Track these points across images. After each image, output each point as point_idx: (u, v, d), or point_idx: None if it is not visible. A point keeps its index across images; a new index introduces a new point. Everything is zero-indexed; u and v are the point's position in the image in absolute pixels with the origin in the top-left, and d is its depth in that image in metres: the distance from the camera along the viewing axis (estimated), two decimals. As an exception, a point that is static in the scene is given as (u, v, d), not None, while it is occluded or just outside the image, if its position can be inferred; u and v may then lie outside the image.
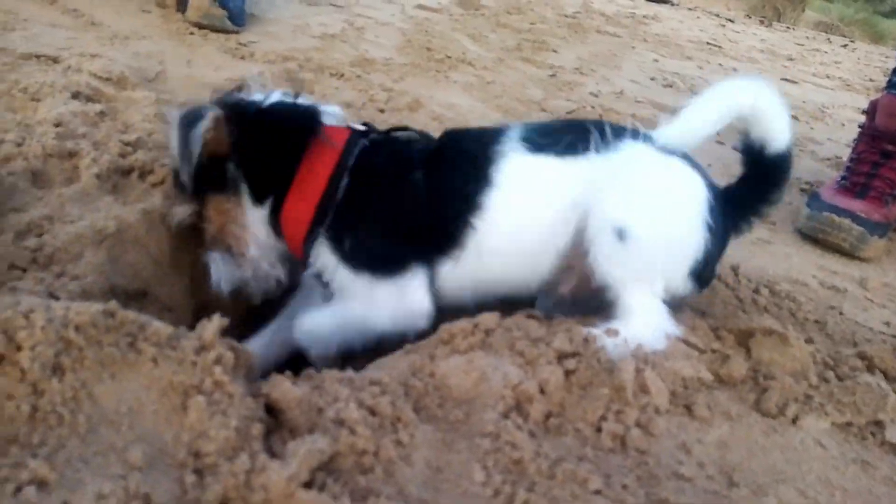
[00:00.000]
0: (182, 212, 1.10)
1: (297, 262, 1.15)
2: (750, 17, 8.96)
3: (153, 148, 1.37)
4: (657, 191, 1.06)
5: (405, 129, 1.17)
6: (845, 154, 2.33)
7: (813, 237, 1.67)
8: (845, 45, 7.37)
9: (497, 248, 1.07)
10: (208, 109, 1.03)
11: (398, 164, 1.09)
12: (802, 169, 2.26)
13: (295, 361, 1.09)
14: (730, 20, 7.32)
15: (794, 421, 0.98)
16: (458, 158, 1.10)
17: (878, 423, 1.01)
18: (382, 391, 0.80)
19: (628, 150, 1.07)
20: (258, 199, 1.08)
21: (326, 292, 1.12)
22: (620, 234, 1.01)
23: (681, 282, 1.07)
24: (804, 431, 0.97)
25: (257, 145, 1.06)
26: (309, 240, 1.07)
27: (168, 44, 2.15)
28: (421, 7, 3.67)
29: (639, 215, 1.02)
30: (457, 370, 0.86)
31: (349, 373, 0.85)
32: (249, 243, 1.10)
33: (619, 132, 1.09)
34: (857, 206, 1.64)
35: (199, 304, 1.18)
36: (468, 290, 1.10)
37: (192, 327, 1.08)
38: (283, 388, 0.76)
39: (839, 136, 2.83)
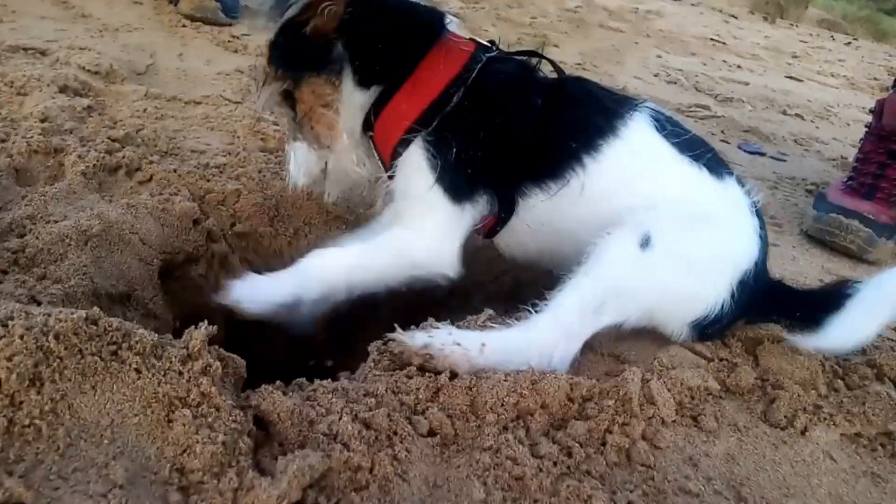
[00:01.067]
0: (271, 91, 1.03)
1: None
2: (753, 14, 8.91)
3: (141, 144, 1.33)
4: (711, 235, 1.00)
5: (535, 54, 1.10)
6: (851, 154, 2.30)
7: (820, 239, 1.64)
8: (849, 43, 7.34)
9: (593, 196, 1.01)
10: None
11: (519, 86, 1.04)
12: (808, 169, 2.23)
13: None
14: (733, 16, 7.28)
15: (804, 432, 0.95)
16: (585, 99, 1.06)
17: (889, 434, 0.98)
18: (378, 403, 0.77)
19: (728, 187, 1.05)
20: (363, 83, 1.02)
21: None
22: (645, 241, 0.95)
23: (676, 327, 1.02)
24: (813, 443, 0.94)
25: (377, 29, 1.00)
26: (404, 141, 1.01)
27: (159, 36, 2.11)
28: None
29: (675, 240, 0.97)
30: (455, 380, 0.83)
31: (343, 382, 0.81)
32: (341, 132, 1.04)
33: (726, 169, 1.08)
34: (864, 207, 1.61)
35: (185, 308, 1.14)
36: (529, 236, 1.07)
37: (177, 331, 1.06)
38: (273, 400, 0.72)
39: (844, 135, 2.79)
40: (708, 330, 1.03)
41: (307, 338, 1.22)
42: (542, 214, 1.04)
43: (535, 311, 0.93)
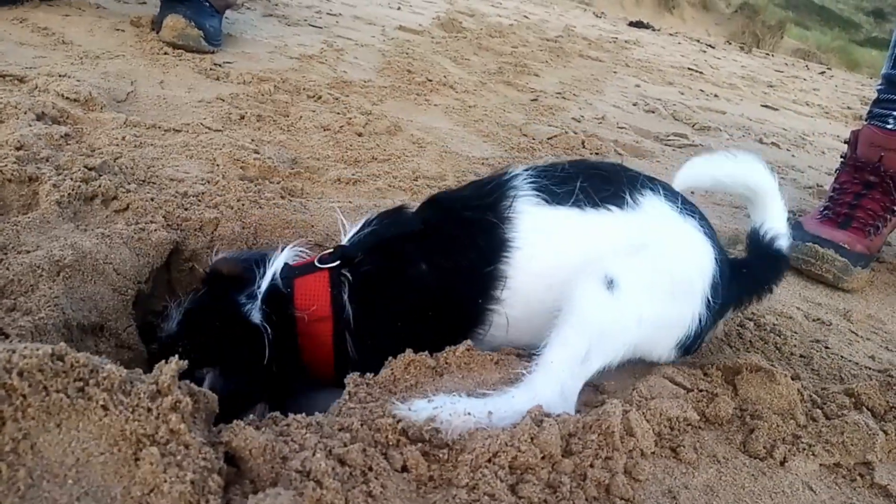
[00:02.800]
0: None
1: None
2: (730, 43, 9.14)
3: (119, 172, 1.32)
4: (663, 257, 0.98)
5: (382, 218, 1.06)
6: (826, 182, 2.34)
7: (796, 268, 1.65)
8: (822, 73, 7.54)
9: (524, 319, 0.99)
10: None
11: (397, 269, 1.00)
12: (784, 197, 2.26)
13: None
14: (710, 46, 7.46)
15: (783, 463, 0.94)
16: (462, 229, 1.00)
17: (868, 464, 0.98)
18: (353, 438, 0.75)
19: (650, 209, 1.00)
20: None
21: None
22: (609, 283, 0.92)
23: (664, 353, 1.03)
24: (793, 474, 0.93)
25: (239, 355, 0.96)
26: (338, 368, 0.99)
27: (140, 63, 2.10)
28: (402, 28, 3.67)
29: (635, 272, 0.94)
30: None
31: (318, 417, 0.80)
32: None
33: (634, 181, 1.02)
34: (840, 236, 1.63)
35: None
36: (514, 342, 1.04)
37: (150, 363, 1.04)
38: (245, 436, 0.71)
39: (820, 163, 2.85)
40: (693, 345, 1.03)
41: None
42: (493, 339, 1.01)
43: (528, 371, 0.91)
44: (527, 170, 1.03)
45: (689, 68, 4.94)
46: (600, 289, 0.92)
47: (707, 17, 13.73)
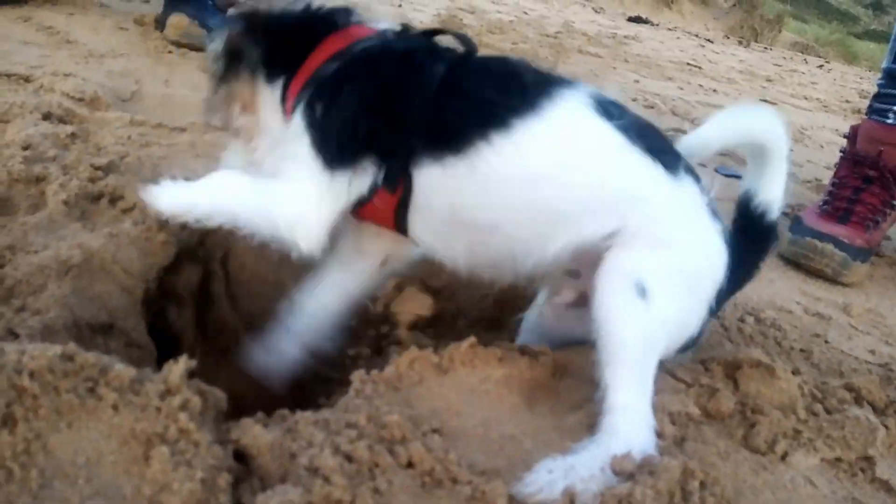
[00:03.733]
0: (212, 98, 1.08)
1: None
2: (728, 38, 9.14)
3: (125, 172, 1.33)
4: (691, 258, 0.94)
5: (455, 33, 1.02)
6: (825, 176, 2.35)
7: (796, 262, 1.66)
8: (821, 66, 7.53)
9: (507, 184, 0.90)
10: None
11: (413, 53, 0.95)
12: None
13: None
14: (709, 40, 7.45)
15: (784, 458, 0.95)
16: (502, 71, 0.95)
17: (869, 459, 0.99)
18: (359, 435, 0.76)
19: (687, 191, 0.94)
20: (271, 78, 1.02)
21: None
22: (642, 291, 0.88)
23: (672, 353, 1.00)
24: (794, 469, 0.94)
25: (278, 31, 1.01)
26: (292, 110, 0.98)
27: (145, 62, 2.11)
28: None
29: (666, 276, 0.90)
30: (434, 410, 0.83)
31: (325, 413, 0.81)
32: (259, 127, 1.05)
33: (681, 158, 0.96)
34: (839, 231, 1.64)
35: (168, 334, 1.13)
36: (450, 228, 0.97)
37: (160, 361, 1.05)
38: (254, 433, 0.72)
39: (819, 157, 2.85)
40: (692, 346, 1.03)
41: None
42: (448, 197, 0.93)
43: (604, 419, 0.88)
44: (597, 90, 0.97)
45: (687, 63, 4.94)
46: (634, 301, 0.88)
47: (706, 12, 13.71)
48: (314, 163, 0.93)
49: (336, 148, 0.93)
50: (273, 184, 0.97)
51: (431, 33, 1.01)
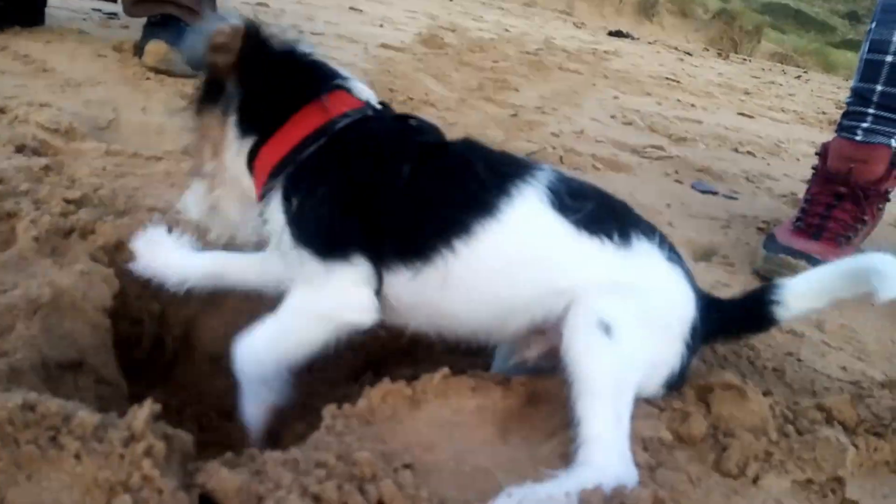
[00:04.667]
0: (186, 122, 1.06)
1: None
2: (708, 50, 9.27)
3: (98, 204, 1.33)
4: (654, 304, 0.99)
5: (426, 122, 1.05)
6: (801, 190, 2.38)
7: (769, 279, 1.68)
8: (799, 77, 7.65)
9: (467, 284, 0.96)
10: (233, 20, 0.96)
11: (388, 145, 0.98)
12: (759, 207, 2.30)
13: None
14: (688, 53, 7.55)
15: (755, 481, 0.96)
16: (465, 169, 0.98)
17: (839, 480, 1.00)
18: (328, 475, 0.76)
19: (640, 251, 1.00)
20: (242, 131, 1.00)
21: None
22: (606, 329, 0.92)
23: (654, 390, 1.03)
24: (765, 492, 0.95)
25: (264, 74, 0.98)
26: (266, 188, 0.98)
27: (123, 90, 2.11)
28: (385, 46, 3.70)
29: (627, 312, 0.94)
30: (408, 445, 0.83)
31: (294, 452, 0.81)
32: (221, 171, 1.04)
33: (634, 223, 1.03)
34: (812, 247, 1.66)
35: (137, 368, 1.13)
36: (418, 314, 1.01)
37: (131, 397, 1.05)
38: (220, 477, 0.72)
39: (795, 171, 2.90)
40: (678, 382, 1.05)
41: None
42: (414, 293, 0.98)
43: (578, 451, 0.88)
44: (554, 171, 1.03)
45: (666, 78, 5.01)
46: (599, 337, 0.91)
47: (686, 24, 13.91)
48: (304, 255, 0.95)
49: (323, 242, 0.95)
50: (305, 292, 0.99)
51: (404, 118, 1.05)
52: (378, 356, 1.33)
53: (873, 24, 1.78)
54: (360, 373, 1.29)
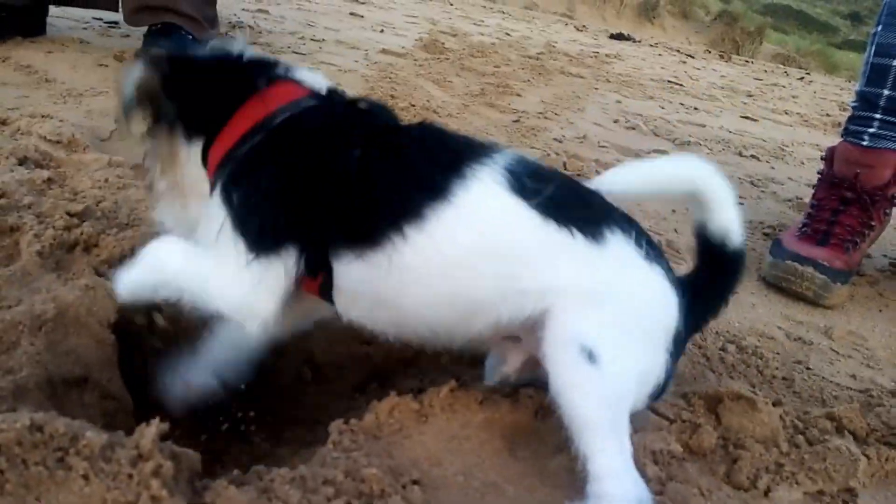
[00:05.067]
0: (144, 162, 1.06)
1: None
2: (710, 52, 9.26)
3: (101, 217, 1.32)
4: (635, 313, 0.91)
5: (378, 105, 1.02)
6: (806, 194, 2.37)
7: (776, 285, 1.68)
8: (801, 78, 7.64)
9: (420, 273, 0.90)
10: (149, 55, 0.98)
11: (334, 132, 0.95)
12: (764, 212, 2.29)
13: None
14: (690, 56, 7.54)
15: (766, 493, 0.95)
16: (419, 150, 0.94)
17: (850, 491, 0.99)
18: (337, 492, 0.76)
19: (615, 249, 0.92)
20: (189, 137, 0.99)
21: None
22: (589, 355, 0.85)
23: (642, 404, 0.97)
24: (777, 504, 0.94)
25: (194, 81, 0.98)
26: (213, 184, 0.97)
27: (125, 100, 2.10)
28: (385, 52, 3.70)
29: (610, 335, 0.88)
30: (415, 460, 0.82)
31: (301, 470, 0.80)
32: (186, 186, 1.02)
33: (607, 214, 0.95)
34: (819, 253, 1.65)
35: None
36: (373, 308, 0.96)
37: (136, 412, 1.04)
38: (228, 496, 0.71)
39: (799, 174, 2.88)
40: (663, 392, 0.99)
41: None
42: (368, 284, 0.93)
43: (591, 485, 0.85)
44: (516, 153, 0.96)
45: (668, 80, 5.00)
46: (584, 366, 0.85)
47: (687, 26, 13.92)
48: (239, 246, 0.92)
49: (256, 235, 0.92)
50: (209, 262, 0.95)
51: (353, 102, 1.01)
52: (383, 367, 1.32)
53: (879, 28, 1.77)
54: (366, 384, 1.28)
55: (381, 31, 4.54)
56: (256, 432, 1.15)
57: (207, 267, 0.95)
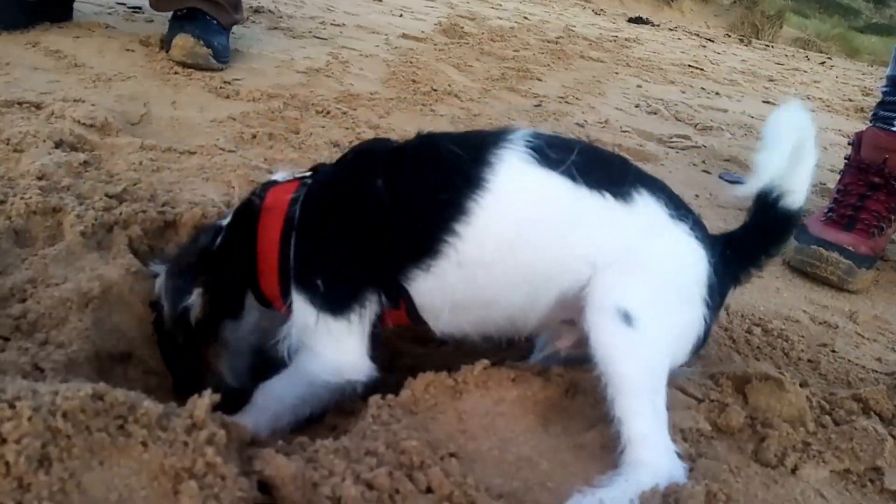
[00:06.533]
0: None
1: None
2: (729, 36, 9.14)
3: (138, 199, 1.35)
4: (667, 275, 0.95)
5: (368, 142, 1.08)
6: (830, 180, 2.36)
7: (802, 270, 1.68)
8: (823, 63, 7.52)
9: (484, 263, 0.94)
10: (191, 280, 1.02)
11: (350, 180, 0.99)
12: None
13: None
14: (710, 40, 7.45)
15: (794, 471, 0.97)
16: (434, 158, 0.97)
17: (877, 470, 1.00)
18: (379, 462, 0.78)
19: (643, 209, 0.95)
20: (235, 314, 1.06)
21: None
22: (626, 318, 0.89)
23: (685, 359, 1.01)
24: (804, 481, 0.96)
25: (219, 279, 1.03)
26: (283, 295, 1.01)
27: (152, 84, 2.14)
28: (405, 37, 3.70)
29: (645, 297, 0.91)
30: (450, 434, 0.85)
31: (344, 441, 0.83)
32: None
33: (631, 174, 0.98)
34: (844, 239, 1.65)
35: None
36: (455, 312, 1.00)
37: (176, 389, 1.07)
38: (277, 464, 0.74)
39: (823, 160, 2.84)
40: (704, 344, 1.03)
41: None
42: (444, 293, 0.97)
43: (623, 454, 0.88)
44: (529, 129, 0.98)
45: (689, 65, 4.95)
46: (622, 329, 0.89)
47: (706, 9, 13.71)
48: (329, 320, 0.97)
49: (337, 297, 0.97)
50: (307, 360, 1.01)
51: (343, 159, 1.05)
52: (410, 353, 1.34)
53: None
54: (393, 365, 1.31)
55: (401, 15, 4.53)
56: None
57: (304, 366, 1.00)
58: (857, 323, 1.50)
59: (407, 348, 1.31)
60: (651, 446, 0.88)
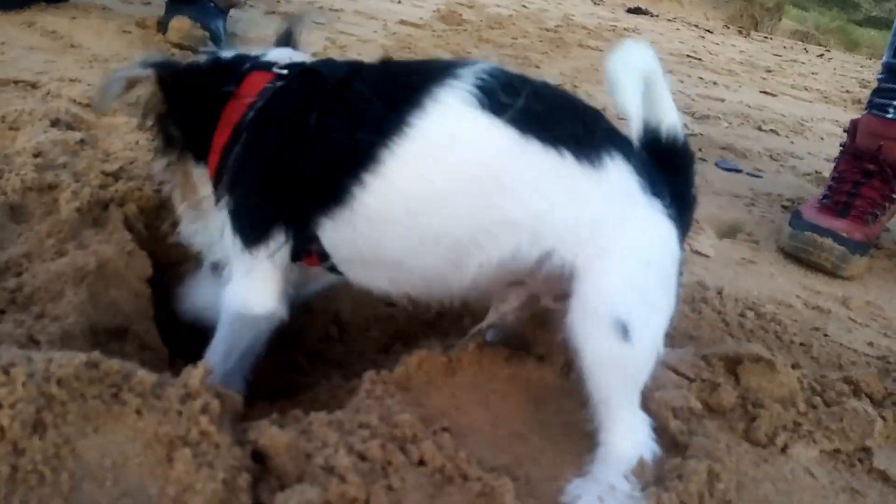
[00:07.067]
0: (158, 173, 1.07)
1: None
2: (728, 27, 9.11)
3: (134, 178, 1.35)
4: (652, 268, 0.85)
5: (330, 60, 0.98)
6: (825, 169, 2.37)
7: (796, 256, 1.69)
8: (821, 55, 7.51)
9: (387, 221, 0.84)
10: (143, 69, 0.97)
11: (294, 105, 0.90)
12: (783, 185, 2.29)
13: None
14: (708, 31, 7.43)
15: (784, 450, 0.98)
16: (373, 95, 0.85)
17: (866, 450, 1.02)
18: (372, 434, 0.79)
19: (614, 175, 0.82)
20: (197, 157, 0.98)
21: None
22: (623, 331, 0.80)
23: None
24: (794, 460, 0.97)
25: (185, 103, 0.95)
26: (215, 187, 0.95)
27: (149, 66, 2.12)
28: (403, 23, 3.69)
29: (640, 304, 0.83)
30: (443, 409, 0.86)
31: (338, 414, 0.83)
32: (201, 202, 1.02)
33: (606, 135, 0.84)
34: (838, 225, 1.66)
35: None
36: (366, 268, 0.93)
37: (171, 362, 1.08)
38: (271, 434, 0.75)
39: (819, 149, 2.87)
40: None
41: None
42: (351, 244, 0.89)
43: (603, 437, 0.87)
44: (491, 65, 0.85)
45: (687, 55, 4.95)
46: (619, 345, 0.81)
47: (705, 1, 13.65)
48: (238, 247, 0.94)
49: (247, 229, 0.92)
50: (227, 293, 0.98)
51: (311, 69, 0.95)
52: (406, 329, 1.35)
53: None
54: (389, 346, 1.31)
55: (399, 1, 4.51)
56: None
57: (226, 299, 0.97)
58: (850, 308, 1.51)
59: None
60: (631, 436, 0.87)
